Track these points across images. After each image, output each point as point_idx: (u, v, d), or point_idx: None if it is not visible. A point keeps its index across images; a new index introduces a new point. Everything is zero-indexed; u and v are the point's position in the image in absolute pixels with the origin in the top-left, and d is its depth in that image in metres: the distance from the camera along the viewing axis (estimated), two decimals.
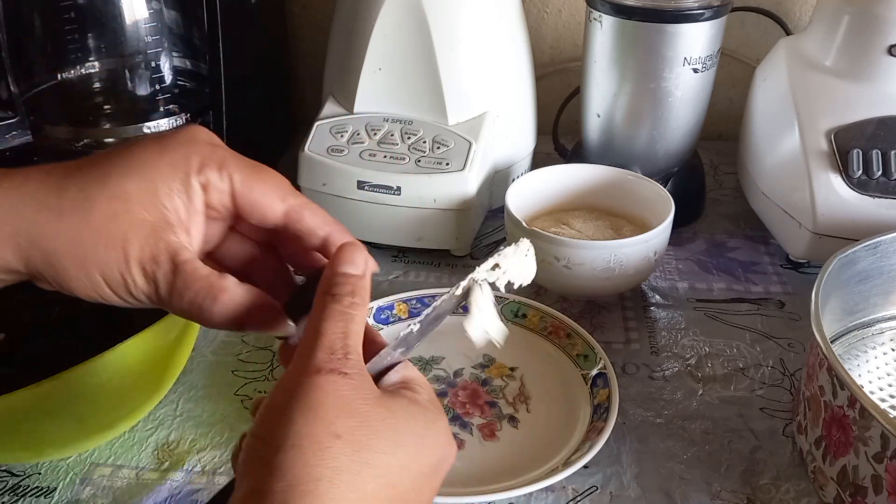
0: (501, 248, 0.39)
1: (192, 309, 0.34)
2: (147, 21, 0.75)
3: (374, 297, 0.53)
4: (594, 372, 0.56)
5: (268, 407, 0.31)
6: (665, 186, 0.69)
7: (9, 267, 0.34)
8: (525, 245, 0.39)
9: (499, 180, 0.76)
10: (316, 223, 0.37)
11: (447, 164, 0.69)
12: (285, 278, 0.40)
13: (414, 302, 0.63)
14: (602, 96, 0.74)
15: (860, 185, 0.64)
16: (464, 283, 0.37)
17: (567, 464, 0.49)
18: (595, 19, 0.72)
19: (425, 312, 0.37)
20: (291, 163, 0.73)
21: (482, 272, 0.37)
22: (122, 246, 0.33)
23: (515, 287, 0.39)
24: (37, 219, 0.33)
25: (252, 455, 0.30)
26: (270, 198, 0.36)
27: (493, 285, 0.38)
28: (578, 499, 0.50)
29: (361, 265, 0.35)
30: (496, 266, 0.38)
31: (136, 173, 0.34)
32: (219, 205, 0.36)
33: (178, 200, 0.34)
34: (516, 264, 0.38)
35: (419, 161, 0.69)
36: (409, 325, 0.36)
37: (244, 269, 0.39)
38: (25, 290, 0.55)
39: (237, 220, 0.38)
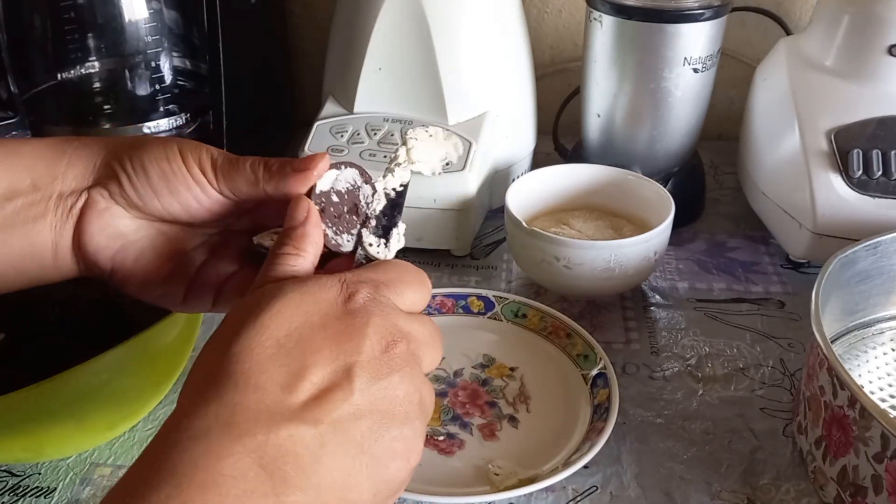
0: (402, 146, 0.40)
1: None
2: (147, 21, 0.75)
3: None
4: (594, 372, 0.56)
5: None
6: (665, 186, 0.69)
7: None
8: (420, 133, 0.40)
9: (499, 180, 0.76)
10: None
11: (447, 164, 0.69)
12: None
13: None
14: (602, 96, 0.74)
15: (860, 185, 0.64)
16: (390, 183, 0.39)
17: (567, 464, 0.49)
18: (595, 19, 0.72)
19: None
20: None
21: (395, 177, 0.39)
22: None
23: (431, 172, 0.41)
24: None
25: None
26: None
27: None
28: (578, 499, 0.50)
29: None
30: (402, 162, 0.40)
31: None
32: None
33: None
34: (426, 150, 0.40)
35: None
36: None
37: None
38: (25, 290, 0.55)
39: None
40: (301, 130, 0.75)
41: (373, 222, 0.39)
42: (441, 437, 0.53)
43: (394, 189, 0.39)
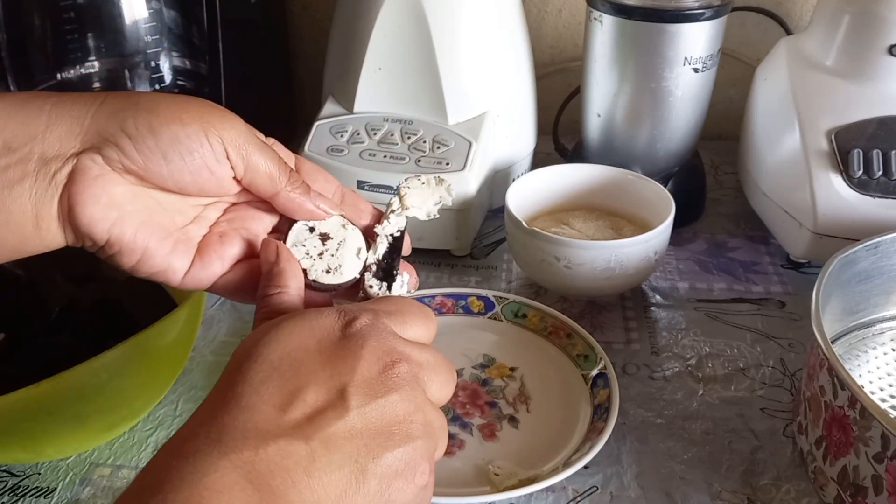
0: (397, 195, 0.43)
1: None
2: (147, 21, 0.75)
3: None
4: (594, 372, 0.56)
5: None
6: (665, 186, 0.69)
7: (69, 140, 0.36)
8: (421, 180, 0.43)
9: (499, 180, 0.76)
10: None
11: (447, 164, 0.69)
12: None
13: None
14: (602, 96, 0.74)
15: (861, 185, 0.64)
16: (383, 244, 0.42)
17: (567, 464, 0.49)
18: (595, 19, 0.72)
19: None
20: None
21: (392, 224, 0.42)
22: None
23: (429, 216, 0.43)
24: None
25: None
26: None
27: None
28: (579, 499, 0.50)
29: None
30: (397, 209, 0.43)
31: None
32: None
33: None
34: (420, 196, 0.43)
35: (419, 161, 0.69)
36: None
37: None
38: (26, 289, 0.56)
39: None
40: (301, 130, 0.75)
41: (374, 266, 0.41)
42: None
43: (391, 234, 0.42)
